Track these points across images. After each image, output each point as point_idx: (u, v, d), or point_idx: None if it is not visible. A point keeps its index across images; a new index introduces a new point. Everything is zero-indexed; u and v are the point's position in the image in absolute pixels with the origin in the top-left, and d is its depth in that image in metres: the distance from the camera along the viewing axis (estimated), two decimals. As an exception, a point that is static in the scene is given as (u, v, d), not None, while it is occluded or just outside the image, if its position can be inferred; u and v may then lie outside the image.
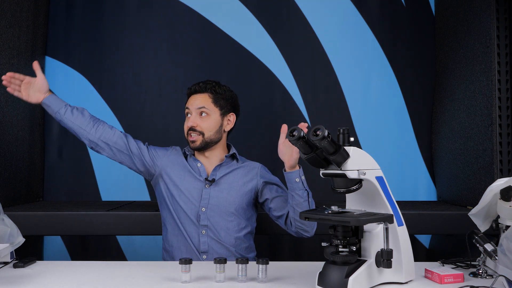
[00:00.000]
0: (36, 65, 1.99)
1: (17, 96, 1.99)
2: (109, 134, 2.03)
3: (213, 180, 1.99)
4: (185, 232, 1.98)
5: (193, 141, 2.01)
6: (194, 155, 2.08)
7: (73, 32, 3.06)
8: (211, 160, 2.06)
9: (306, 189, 1.85)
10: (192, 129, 2.01)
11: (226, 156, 2.05)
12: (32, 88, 1.99)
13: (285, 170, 1.86)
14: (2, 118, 2.46)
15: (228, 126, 2.07)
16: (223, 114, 2.05)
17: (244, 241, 2.01)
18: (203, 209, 1.97)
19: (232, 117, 2.09)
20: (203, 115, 2.02)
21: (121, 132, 2.07)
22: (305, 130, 1.64)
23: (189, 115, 2.04)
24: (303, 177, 1.85)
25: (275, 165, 2.10)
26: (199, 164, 2.04)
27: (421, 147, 3.08)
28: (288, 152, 1.82)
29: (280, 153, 1.84)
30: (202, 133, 2.01)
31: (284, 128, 1.82)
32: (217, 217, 1.97)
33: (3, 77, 1.95)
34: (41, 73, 2.00)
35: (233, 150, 2.08)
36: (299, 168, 1.85)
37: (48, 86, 2.02)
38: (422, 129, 3.08)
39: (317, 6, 3.11)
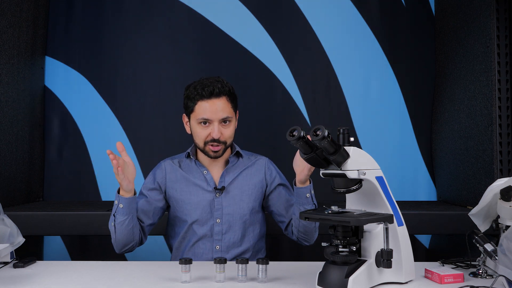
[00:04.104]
0: (121, 146, 1.72)
1: (120, 178, 1.71)
2: (138, 228, 1.88)
3: (223, 188, 1.92)
4: (194, 253, 1.92)
5: (215, 151, 1.88)
6: (197, 159, 1.98)
7: (73, 32, 3.06)
8: (218, 161, 1.96)
9: (314, 203, 1.80)
10: (216, 140, 1.87)
11: (230, 156, 1.97)
12: (125, 170, 1.73)
13: (295, 184, 1.80)
14: (2, 118, 2.46)
15: (236, 124, 1.97)
16: (235, 117, 1.96)
17: (258, 244, 1.98)
18: (218, 220, 1.91)
19: (237, 115, 1.98)
20: (226, 123, 1.89)
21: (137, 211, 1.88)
22: None
23: (206, 123, 1.87)
24: (312, 192, 1.80)
25: (275, 165, 2.10)
26: (205, 171, 1.95)
27: (421, 147, 3.08)
28: (301, 165, 1.73)
29: (294, 164, 1.76)
30: (225, 143, 1.90)
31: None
32: (233, 226, 1.91)
33: (110, 155, 1.65)
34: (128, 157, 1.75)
35: (236, 148, 2.00)
36: (310, 183, 1.80)
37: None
38: (422, 129, 3.08)
39: (317, 6, 3.11)
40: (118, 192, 1.80)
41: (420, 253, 3.02)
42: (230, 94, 1.90)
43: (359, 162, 1.32)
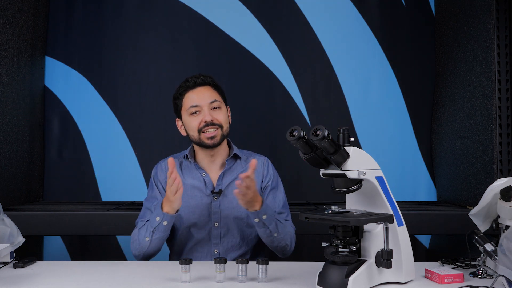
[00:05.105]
0: (173, 163, 1.65)
1: (177, 197, 1.69)
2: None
3: (220, 191, 1.89)
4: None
5: (212, 137, 1.84)
6: (195, 160, 1.94)
7: (73, 32, 3.06)
8: (216, 159, 1.92)
9: (268, 227, 1.75)
10: (209, 124, 1.84)
11: (227, 159, 1.93)
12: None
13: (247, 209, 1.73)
14: (2, 118, 2.46)
15: (230, 119, 1.95)
16: (225, 106, 1.94)
17: (257, 247, 1.96)
18: (216, 224, 1.88)
19: (229, 111, 1.97)
20: (216, 108, 1.87)
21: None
22: None
23: (196, 112, 1.87)
24: (264, 217, 1.73)
25: (275, 166, 2.09)
26: (204, 174, 1.92)
27: (421, 147, 3.08)
28: (239, 194, 1.65)
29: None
30: (220, 126, 1.86)
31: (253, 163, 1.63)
32: (231, 229, 1.89)
33: (173, 174, 1.64)
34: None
35: (234, 150, 1.96)
36: (259, 208, 1.71)
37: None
38: (422, 129, 3.08)
39: (317, 6, 3.11)
40: (161, 208, 1.75)
41: (420, 253, 3.02)
42: (214, 85, 1.93)
43: (359, 162, 1.32)
